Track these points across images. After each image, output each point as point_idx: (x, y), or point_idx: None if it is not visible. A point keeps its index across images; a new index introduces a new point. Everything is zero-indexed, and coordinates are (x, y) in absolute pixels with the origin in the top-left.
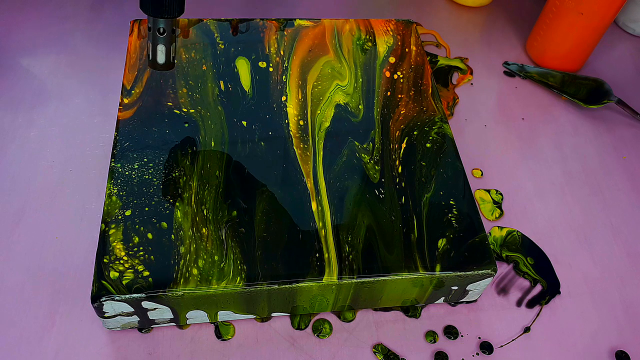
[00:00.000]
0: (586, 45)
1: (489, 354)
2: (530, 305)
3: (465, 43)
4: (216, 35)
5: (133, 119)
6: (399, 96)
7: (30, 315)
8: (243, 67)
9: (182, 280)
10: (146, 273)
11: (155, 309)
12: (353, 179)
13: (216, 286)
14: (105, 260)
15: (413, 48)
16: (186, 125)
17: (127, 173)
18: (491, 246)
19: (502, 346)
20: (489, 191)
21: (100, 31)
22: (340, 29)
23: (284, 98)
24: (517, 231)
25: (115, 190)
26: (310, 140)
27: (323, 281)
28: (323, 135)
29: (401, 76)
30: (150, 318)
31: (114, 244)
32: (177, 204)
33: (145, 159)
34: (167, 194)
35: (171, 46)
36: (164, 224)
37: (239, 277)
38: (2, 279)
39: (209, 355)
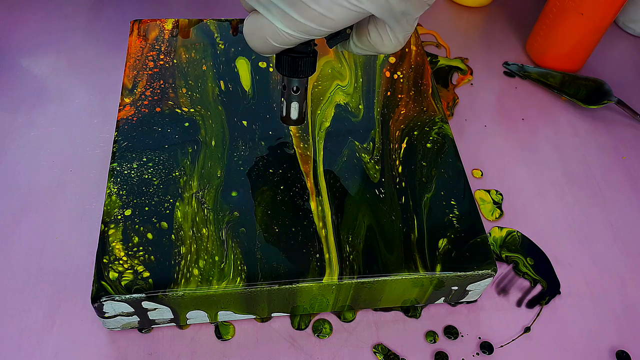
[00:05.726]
0: (586, 45)
1: (489, 354)
2: (530, 305)
3: (465, 43)
4: (216, 35)
5: (133, 118)
6: (399, 96)
7: (30, 315)
8: (243, 67)
9: (182, 280)
10: (146, 274)
11: (155, 309)
12: (353, 178)
13: (216, 287)
14: (105, 260)
15: (413, 48)
16: (186, 124)
17: (126, 172)
18: (491, 247)
19: (502, 346)
20: (489, 191)
21: (100, 31)
22: None
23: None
24: (517, 231)
25: (115, 190)
26: (311, 140)
27: (323, 281)
28: (323, 135)
29: (401, 76)
30: (151, 318)
31: (114, 244)
32: (178, 203)
33: (145, 159)
34: (168, 193)
35: (304, 103)
36: (164, 224)
37: (239, 278)
38: (2, 279)
39: (209, 355)
